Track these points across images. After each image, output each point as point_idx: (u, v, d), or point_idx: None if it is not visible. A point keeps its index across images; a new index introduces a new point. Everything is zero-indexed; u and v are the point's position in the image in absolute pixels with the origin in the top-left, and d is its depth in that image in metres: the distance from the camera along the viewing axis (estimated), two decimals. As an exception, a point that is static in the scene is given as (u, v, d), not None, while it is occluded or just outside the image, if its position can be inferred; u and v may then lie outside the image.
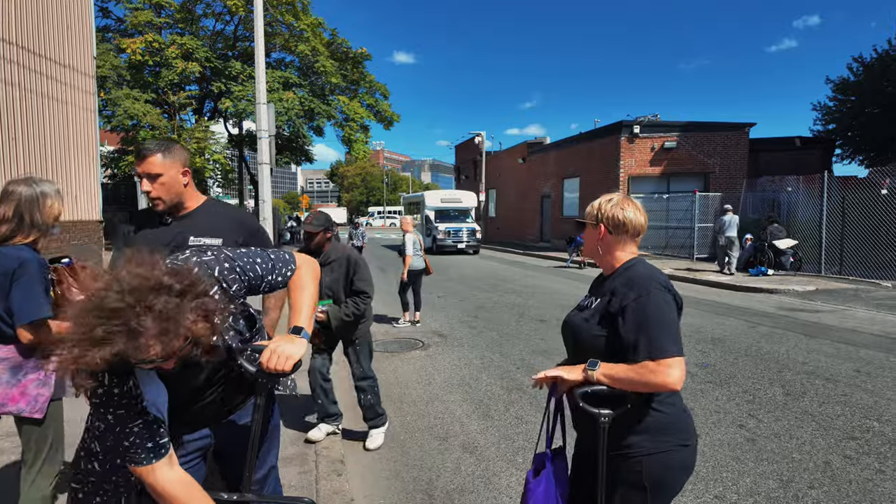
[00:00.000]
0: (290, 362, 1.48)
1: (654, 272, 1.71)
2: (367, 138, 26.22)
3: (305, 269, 1.71)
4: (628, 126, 19.58)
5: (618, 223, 1.78)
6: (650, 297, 1.61)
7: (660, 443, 1.64)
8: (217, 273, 1.47)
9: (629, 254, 1.81)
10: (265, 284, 1.62)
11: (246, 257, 1.59)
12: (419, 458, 3.73)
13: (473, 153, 33.03)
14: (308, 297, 1.66)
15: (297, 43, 22.43)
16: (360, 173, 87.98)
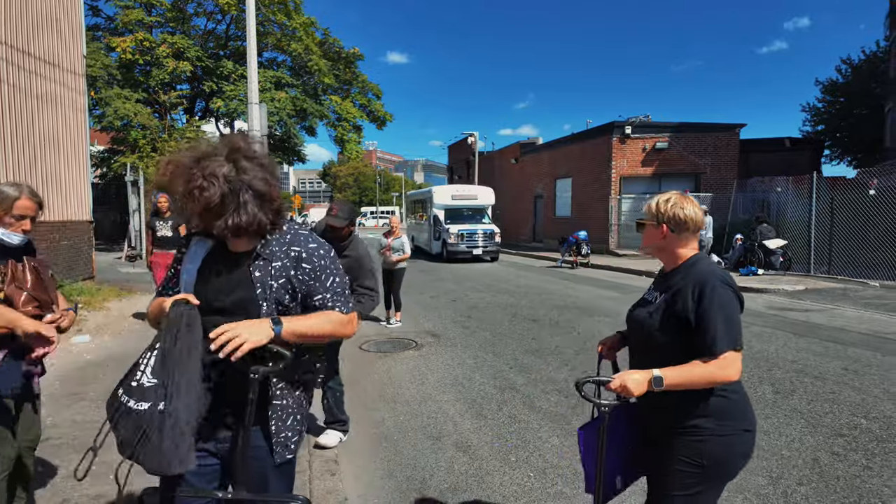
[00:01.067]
0: (244, 347, 1.44)
1: (716, 268, 1.79)
2: (359, 138, 26.14)
3: (343, 319, 1.68)
4: (620, 127, 19.68)
5: (679, 221, 1.84)
6: (714, 293, 1.68)
7: (723, 426, 1.71)
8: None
9: (691, 250, 1.87)
10: (318, 299, 1.66)
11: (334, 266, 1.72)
12: (412, 457, 3.74)
13: (466, 153, 33.05)
14: (315, 325, 1.61)
15: (289, 42, 22.33)
16: (353, 173, 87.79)
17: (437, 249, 19.63)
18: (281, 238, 1.65)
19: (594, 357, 2.26)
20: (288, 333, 1.54)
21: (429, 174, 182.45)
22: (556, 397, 4.87)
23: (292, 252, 1.63)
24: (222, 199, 1.50)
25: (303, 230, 1.72)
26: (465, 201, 20.26)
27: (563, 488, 3.29)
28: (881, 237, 11.37)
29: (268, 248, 1.62)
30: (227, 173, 1.51)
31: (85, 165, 9.96)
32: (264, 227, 1.58)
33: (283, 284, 1.61)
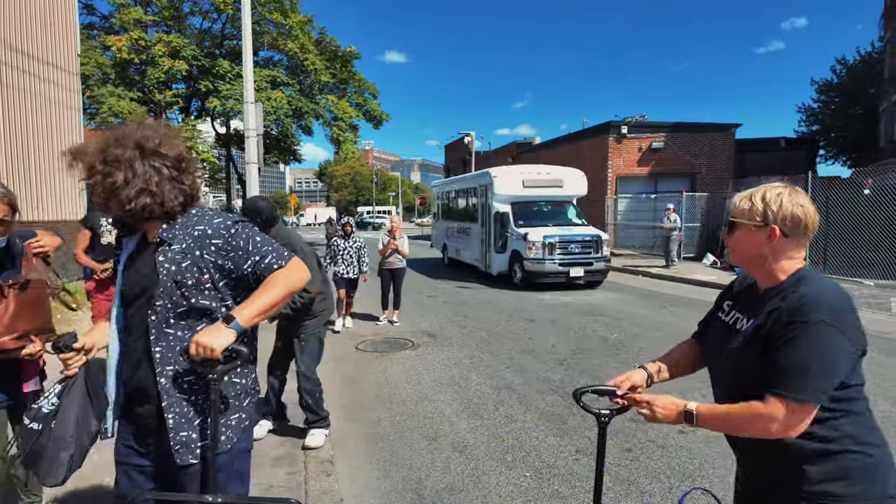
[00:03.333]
0: (215, 353, 1.47)
1: (832, 295, 1.31)
2: (355, 138, 26.06)
3: (285, 272, 1.61)
4: (616, 126, 19.70)
5: (797, 222, 1.38)
6: (809, 329, 1.27)
7: (863, 491, 1.30)
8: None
9: (798, 262, 1.42)
10: (248, 265, 1.60)
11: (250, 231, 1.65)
12: (409, 457, 3.72)
13: (463, 153, 33.02)
14: (266, 297, 1.57)
15: (285, 41, 22.25)
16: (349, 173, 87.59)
17: (499, 267, 12.32)
18: (186, 220, 1.61)
19: (589, 358, 2.22)
20: (246, 322, 1.52)
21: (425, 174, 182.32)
22: (551, 397, 4.87)
23: (195, 231, 1.58)
24: (126, 183, 1.52)
25: (210, 210, 1.67)
26: (544, 189, 12.68)
27: (559, 488, 3.28)
28: (876, 237, 11.42)
29: (170, 231, 1.59)
30: (129, 157, 1.53)
31: (79, 165, 9.92)
32: (168, 211, 1.58)
33: (188, 266, 1.54)
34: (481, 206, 13.40)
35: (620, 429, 4.03)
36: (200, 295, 1.57)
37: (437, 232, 18.08)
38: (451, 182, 18.09)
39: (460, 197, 15.76)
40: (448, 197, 17.03)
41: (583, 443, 3.90)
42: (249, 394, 1.71)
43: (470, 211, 14.55)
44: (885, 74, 19.60)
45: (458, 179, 17.30)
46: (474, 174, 16.08)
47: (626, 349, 6.49)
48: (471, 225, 14.22)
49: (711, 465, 3.50)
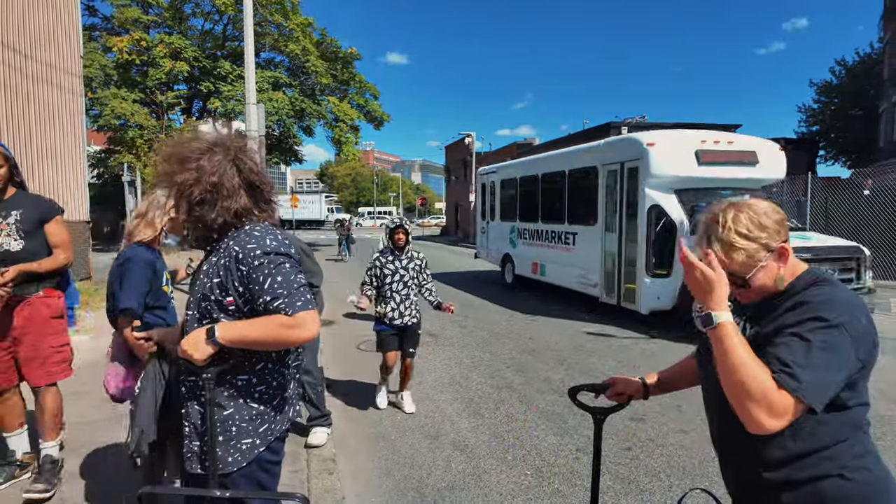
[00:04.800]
0: (196, 361, 1.49)
1: (855, 304, 1.24)
2: (356, 139, 26.14)
3: (288, 322, 1.49)
4: (616, 127, 19.73)
5: (783, 225, 1.33)
6: (824, 329, 1.18)
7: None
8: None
9: (796, 263, 1.34)
10: (260, 303, 1.52)
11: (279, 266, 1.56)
12: (410, 456, 3.76)
13: (463, 154, 33.07)
14: (253, 331, 1.50)
15: (286, 43, 22.33)
16: (350, 173, 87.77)
17: (656, 302, 7.65)
18: (233, 234, 1.60)
19: (589, 356, 2.24)
20: (224, 341, 1.48)
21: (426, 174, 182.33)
22: (552, 396, 4.90)
23: (232, 252, 1.55)
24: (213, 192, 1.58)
25: (258, 228, 1.60)
26: (728, 169, 8.04)
27: (559, 486, 3.31)
28: (876, 237, 11.45)
29: (219, 244, 1.60)
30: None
31: (82, 166, 9.95)
32: (218, 226, 1.60)
33: (219, 284, 1.54)
34: (609, 196, 8.45)
35: (620, 428, 4.06)
36: (224, 315, 1.56)
37: (492, 236, 13.22)
38: (524, 164, 12.03)
39: (549, 184, 10.54)
40: (516, 186, 11.85)
41: (583, 441, 3.93)
42: (270, 419, 1.65)
43: (572, 205, 9.63)
44: (885, 75, 19.66)
45: (549, 158, 10.93)
46: (593, 145, 9.34)
47: None
48: (576, 228, 9.39)
49: (711, 464, 3.53)
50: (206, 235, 1.64)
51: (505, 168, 13.08)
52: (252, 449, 1.60)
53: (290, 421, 1.75)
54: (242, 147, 1.66)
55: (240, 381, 1.59)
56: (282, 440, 1.73)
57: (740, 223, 1.27)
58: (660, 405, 4.51)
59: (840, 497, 1.21)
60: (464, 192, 33.08)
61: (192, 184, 1.55)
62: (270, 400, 1.64)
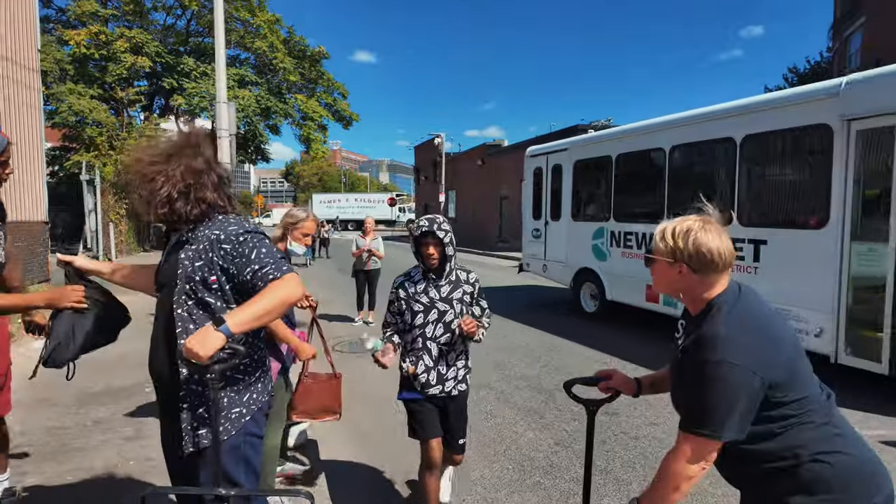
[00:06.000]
0: (201, 359, 1.51)
1: (733, 333, 1.32)
2: (325, 138, 25.94)
3: (281, 283, 1.65)
4: (583, 130, 20.12)
5: (704, 260, 1.39)
6: (707, 369, 1.31)
7: (828, 501, 1.31)
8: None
9: (719, 288, 1.42)
10: (248, 272, 1.67)
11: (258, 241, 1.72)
12: (394, 453, 3.80)
13: (433, 154, 33.16)
14: (259, 305, 1.61)
15: (253, 40, 21.97)
16: (317, 173, 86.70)
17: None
18: (209, 224, 1.74)
19: (562, 354, 2.34)
20: (237, 327, 1.56)
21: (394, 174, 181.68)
22: (528, 393, 5.03)
23: (212, 235, 1.69)
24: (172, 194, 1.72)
25: (231, 217, 1.78)
26: None
27: (540, 479, 3.43)
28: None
29: (194, 233, 1.73)
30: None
31: (40, 164, 9.59)
32: (194, 217, 1.74)
33: (201, 266, 1.67)
34: (862, 175, 4.90)
35: (596, 423, 4.20)
36: (207, 292, 1.68)
37: (555, 242, 9.50)
38: (626, 135, 8.02)
39: (689, 161, 7.04)
40: (609, 168, 8.08)
41: (561, 436, 4.07)
42: (252, 389, 1.79)
43: (756, 194, 6.12)
44: (834, 83, 20.59)
45: (690, 119, 6.85)
46: (817, 88, 5.45)
47: None
48: (767, 233, 5.71)
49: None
50: (179, 228, 1.77)
51: (583, 144, 8.92)
52: (240, 418, 1.74)
53: (270, 393, 1.89)
54: (208, 144, 1.82)
55: (225, 354, 1.65)
56: (263, 413, 1.86)
57: (684, 230, 1.42)
58: (631, 401, 4.69)
59: (818, 480, 1.31)
60: (434, 192, 33.18)
61: (165, 181, 1.68)
62: (253, 371, 1.79)
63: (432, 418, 2.64)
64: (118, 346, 2.18)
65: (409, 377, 2.63)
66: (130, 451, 3.53)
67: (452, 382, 2.65)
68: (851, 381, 4.97)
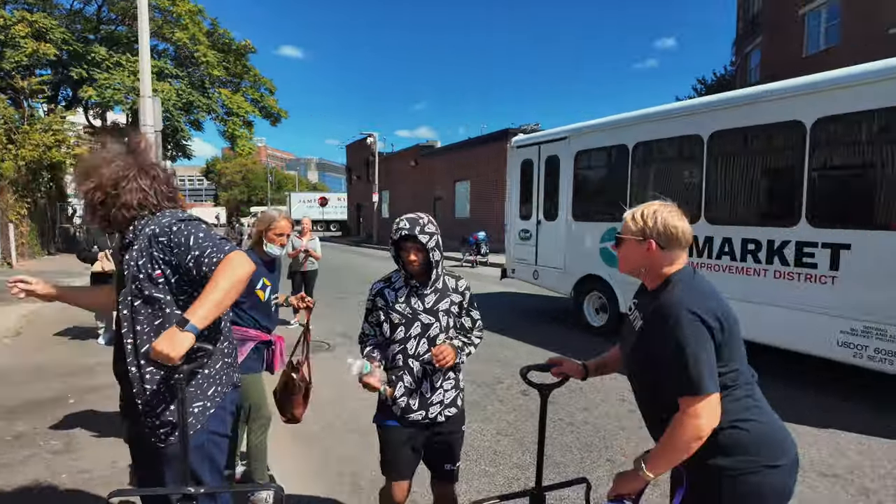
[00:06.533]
0: (172, 361, 1.51)
1: (689, 296, 1.53)
2: (251, 134, 25.05)
3: (227, 263, 1.65)
4: (514, 133, 20.76)
5: (670, 236, 1.60)
6: (679, 328, 1.48)
7: (741, 462, 1.50)
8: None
9: (678, 265, 1.64)
10: (190, 259, 1.68)
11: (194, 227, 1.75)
12: (342, 453, 3.85)
13: (365, 153, 32.89)
14: (214, 292, 1.60)
15: (172, 30, 20.80)
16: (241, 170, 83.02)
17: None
18: (146, 222, 1.78)
19: (500, 348, 2.47)
20: (201, 321, 1.56)
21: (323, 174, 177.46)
22: (470, 387, 5.21)
23: (148, 231, 1.73)
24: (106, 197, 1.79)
25: (167, 212, 1.81)
26: None
27: (486, 467, 3.60)
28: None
29: (134, 233, 1.78)
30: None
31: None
32: (121, 221, 1.80)
33: (144, 263, 1.70)
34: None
35: (534, 411, 4.45)
36: (154, 287, 1.70)
37: (549, 245, 8.37)
38: (646, 120, 6.85)
39: (735, 151, 5.93)
40: (626, 159, 7.02)
41: (502, 425, 4.27)
42: (215, 382, 1.81)
43: (838, 188, 5.11)
44: (736, 95, 22.50)
45: (734, 101, 5.80)
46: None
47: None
48: (853, 236, 4.69)
49: (613, 438, 4.03)
50: (117, 230, 1.83)
51: (590, 131, 7.67)
52: (203, 412, 1.76)
53: (235, 386, 1.91)
54: (142, 146, 1.88)
55: (195, 354, 1.68)
56: (227, 410, 1.87)
57: (652, 210, 1.64)
58: (567, 388, 4.99)
59: (736, 443, 1.51)
60: (367, 192, 32.91)
61: (94, 189, 1.76)
62: (214, 363, 1.81)
63: (405, 455, 2.30)
64: (34, 357, 2.15)
65: (387, 401, 2.29)
66: (61, 465, 3.35)
67: (438, 407, 2.26)
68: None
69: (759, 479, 1.49)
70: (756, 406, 1.56)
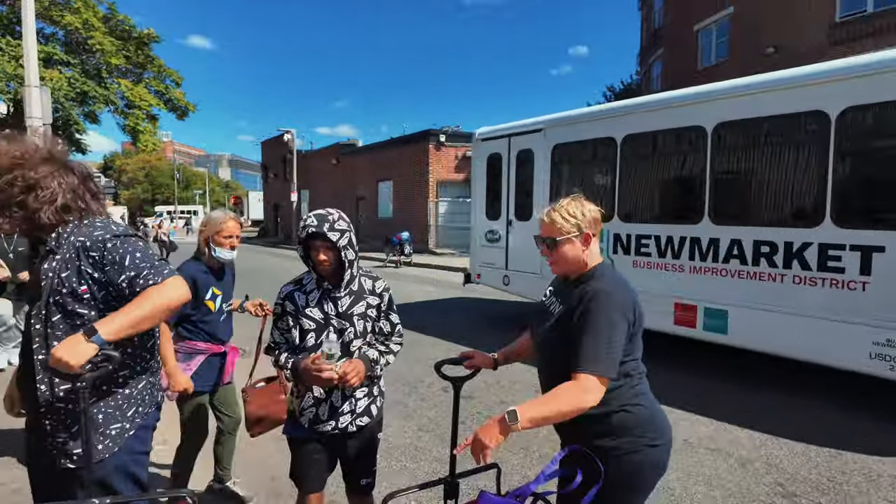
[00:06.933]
0: (72, 369, 1.43)
1: (615, 286, 1.67)
2: (155, 129, 23.42)
3: (160, 288, 1.58)
4: (435, 134, 21.10)
5: (596, 222, 1.76)
6: (602, 313, 1.60)
7: (626, 442, 1.66)
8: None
9: (597, 255, 1.79)
10: (123, 280, 1.59)
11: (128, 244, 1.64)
12: (258, 457, 3.77)
13: (283, 151, 31.79)
14: (136, 311, 1.53)
15: (61, 12, 18.99)
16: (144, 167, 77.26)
17: None
18: (73, 230, 1.64)
19: (423, 346, 2.56)
20: (112, 335, 1.48)
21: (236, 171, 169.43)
22: (392, 386, 5.25)
23: (77, 242, 1.60)
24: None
25: (98, 220, 1.68)
26: None
27: (406, 463, 3.68)
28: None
29: (57, 241, 1.63)
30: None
31: None
32: (47, 225, 1.64)
33: (68, 276, 1.57)
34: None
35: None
36: (78, 303, 1.59)
37: (517, 248, 7.83)
38: (639, 109, 6.24)
39: (743, 145, 5.35)
40: (614, 153, 6.35)
41: (423, 421, 4.37)
42: (137, 402, 1.71)
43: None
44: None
45: (742, 89, 5.21)
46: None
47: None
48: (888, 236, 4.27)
49: (534, 433, 4.24)
50: (35, 235, 1.68)
51: (569, 122, 7.01)
52: (122, 434, 1.67)
53: (158, 406, 1.83)
54: (60, 147, 1.71)
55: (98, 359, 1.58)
56: (150, 428, 1.80)
57: (571, 206, 1.76)
58: (485, 383, 5.19)
59: (623, 426, 1.68)
60: (284, 190, 31.84)
61: (13, 182, 1.58)
62: (136, 383, 1.71)
63: (315, 466, 2.15)
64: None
65: (294, 409, 2.17)
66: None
67: (349, 416, 2.12)
68: None
69: (641, 457, 1.67)
70: (643, 393, 1.75)
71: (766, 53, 15.52)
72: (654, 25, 25.09)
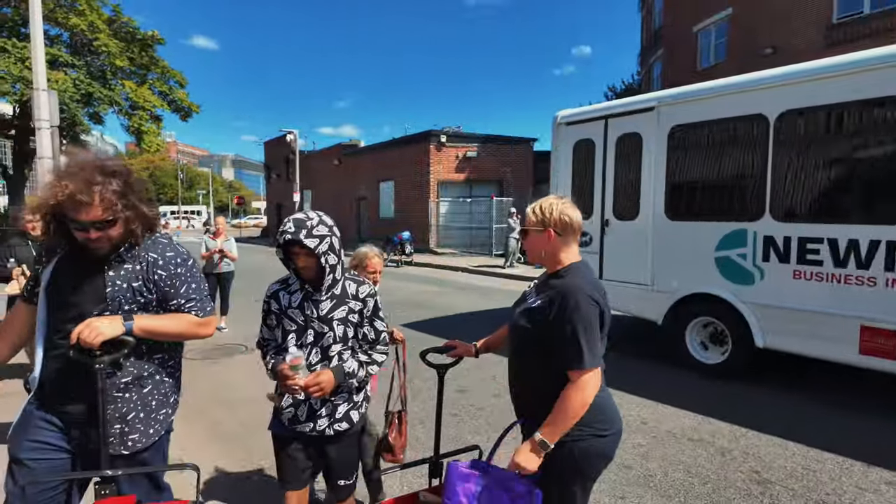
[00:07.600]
0: (99, 338, 1.61)
1: (586, 283, 1.79)
2: (159, 129, 23.63)
3: (197, 321, 1.88)
4: (436, 135, 21.26)
5: (565, 225, 1.86)
6: (578, 310, 1.71)
7: (575, 430, 1.74)
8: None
9: (573, 255, 1.90)
10: (174, 303, 1.85)
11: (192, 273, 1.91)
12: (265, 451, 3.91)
13: (286, 151, 31.96)
14: (168, 324, 1.80)
15: (67, 15, 19.21)
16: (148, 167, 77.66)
17: None
18: (148, 244, 1.84)
19: (420, 345, 2.69)
20: (139, 330, 1.72)
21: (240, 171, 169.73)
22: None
23: (150, 258, 1.80)
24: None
25: (164, 238, 1.91)
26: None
27: (400, 452, 3.83)
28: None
29: (129, 251, 1.79)
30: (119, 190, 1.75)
31: None
32: (139, 236, 1.83)
33: (139, 287, 1.78)
34: None
35: (448, 398, 4.74)
36: (129, 305, 1.79)
37: (615, 253, 6.41)
38: (793, 78, 4.83)
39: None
40: (766, 134, 5.00)
41: (414, 411, 4.52)
42: (175, 390, 1.99)
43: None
44: (641, 104, 24.21)
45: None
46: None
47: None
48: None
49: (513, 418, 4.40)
50: (115, 250, 1.77)
51: (697, 98, 5.62)
52: (167, 419, 1.91)
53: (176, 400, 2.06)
54: (125, 167, 1.83)
55: (156, 358, 1.84)
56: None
57: (549, 203, 1.89)
58: (480, 379, 5.34)
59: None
60: (287, 191, 32.04)
61: (138, 204, 1.76)
62: (175, 373, 1.97)
63: (295, 464, 2.16)
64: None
65: (277, 407, 2.18)
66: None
67: (327, 420, 2.10)
68: None
69: (587, 445, 1.77)
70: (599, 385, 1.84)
71: (763, 54, 15.63)
72: (653, 26, 25.18)
